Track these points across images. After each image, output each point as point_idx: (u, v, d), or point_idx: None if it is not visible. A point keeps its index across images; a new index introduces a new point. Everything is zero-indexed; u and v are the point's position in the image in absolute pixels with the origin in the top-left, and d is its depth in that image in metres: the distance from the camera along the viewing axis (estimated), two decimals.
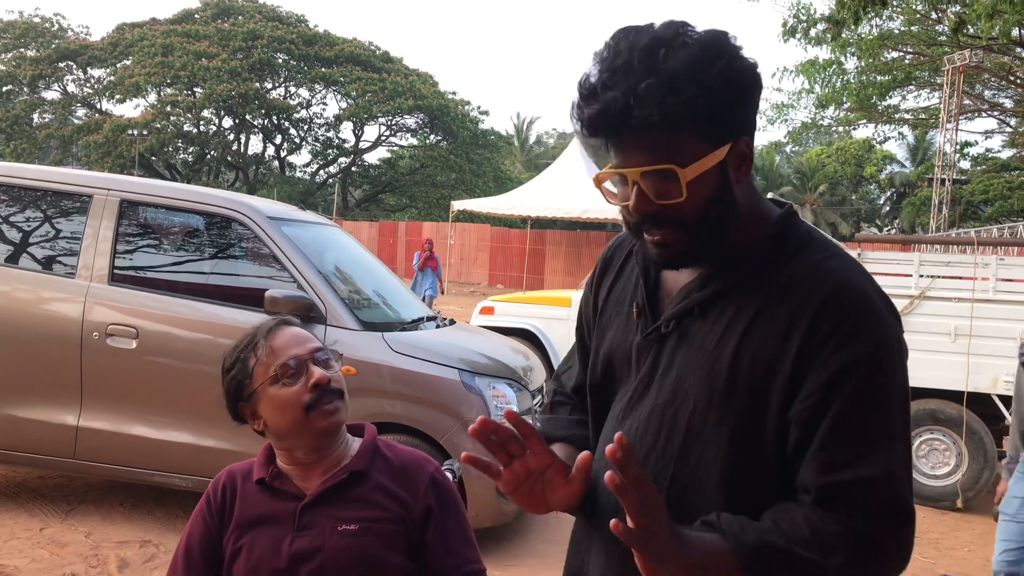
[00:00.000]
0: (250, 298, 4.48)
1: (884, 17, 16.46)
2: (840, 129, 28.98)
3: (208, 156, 39.38)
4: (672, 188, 1.11)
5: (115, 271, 4.61)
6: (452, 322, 5.59)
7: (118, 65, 36.62)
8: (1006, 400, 6.16)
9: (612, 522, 0.98)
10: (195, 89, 35.89)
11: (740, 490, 1.14)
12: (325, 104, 40.80)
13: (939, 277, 6.59)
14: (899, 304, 6.43)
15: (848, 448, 1.09)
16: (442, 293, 15.54)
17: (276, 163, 42.52)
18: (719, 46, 1.09)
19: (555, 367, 8.14)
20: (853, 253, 6.87)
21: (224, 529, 1.64)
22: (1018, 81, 19.85)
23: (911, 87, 21.65)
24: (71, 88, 38.64)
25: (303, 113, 39.63)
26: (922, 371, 6.35)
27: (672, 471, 1.19)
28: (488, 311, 8.74)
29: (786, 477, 1.14)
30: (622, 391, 1.31)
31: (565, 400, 1.52)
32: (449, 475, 1.78)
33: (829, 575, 1.07)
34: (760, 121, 23.46)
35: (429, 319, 5.24)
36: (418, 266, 15.31)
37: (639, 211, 1.14)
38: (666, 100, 1.05)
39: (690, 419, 1.18)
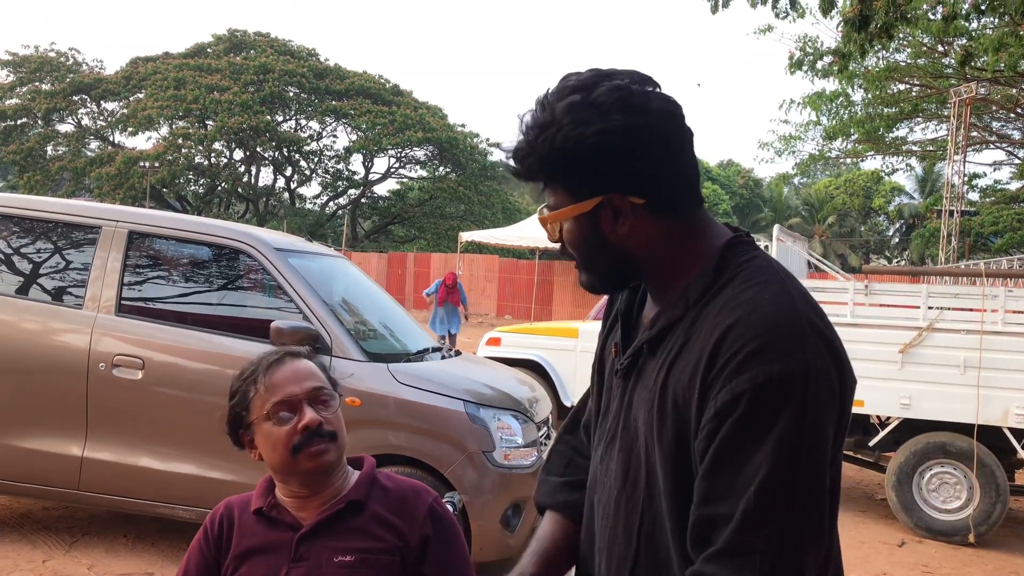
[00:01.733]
0: (257, 329, 4.49)
1: (891, 50, 16.55)
2: (848, 161, 28.99)
3: (219, 188, 39.67)
4: (552, 231, 1.27)
5: (122, 302, 4.63)
6: (458, 353, 5.59)
7: (131, 98, 37.03)
8: (1017, 433, 6.11)
9: None
10: (207, 122, 36.23)
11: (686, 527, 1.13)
12: (335, 136, 41.09)
13: (948, 309, 6.57)
14: (907, 336, 6.41)
15: (713, 488, 1.06)
16: (466, 319, 14.21)
17: (286, 195, 42.77)
18: (562, 114, 1.16)
19: (561, 398, 8.12)
20: (858, 285, 6.86)
21: (222, 560, 1.63)
22: None
23: (918, 119, 21.66)
24: (85, 121, 39.10)
25: (313, 145, 39.94)
26: (932, 403, 6.31)
27: (640, 511, 1.20)
28: (495, 342, 8.73)
29: None
30: (601, 431, 1.34)
31: (564, 449, 1.55)
32: (450, 507, 1.77)
33: None
34: (767, 153, 23.57)
35: (434, 350, 5.24)
36: (436, 299, 13.68)
37: (549, 239, 1.30)
38: (518, 159, 1.23)
39: (646, 458, 1.19)
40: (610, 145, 1.15)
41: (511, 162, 1.25)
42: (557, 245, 1.30)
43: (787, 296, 1.12)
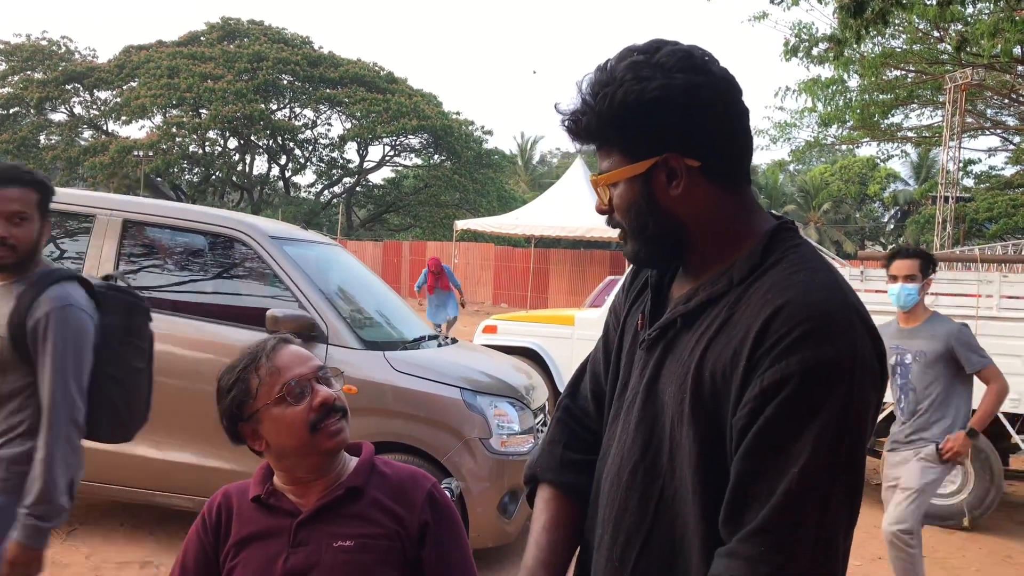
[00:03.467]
0: (252, 317, 4.49)
1: (887, 36, 16.52)
2: (843, 147, 29.02)
3: (213, 177, 39.54)
4: (603, 196, 1.27)
5: None
6: (454, 341, 5.59)
7: (124, 87, 36.83)
8: (1011, 418, 6.13)
9: None
10: (200, 110, 36.06)
11: (713, 503, 1.12)
12: (330, 124, 41.09)
13: (943, 295, 6.57)
14: None
15: (755, 465, 1.06)
16: (463, 307, 13.04)
17: (281, 183, 42.65)
18: (622, 72, 1.17)
19: (557, 385, 8.13)
20: (854, 271, 6.86)
21: (220, 547, 1.63)
22: (1021, 99, 19.87)
23: (914, 105, 21.68)
24: (78, 110, 38.89)
25: (308, 133, 39.79)
26: None
27: (661, 484, 1.20)
28: (491, 330, 8.74)
29: None
30: (619, 397, 1.33)
31: (566, 419, 1.50)
32: (448, 493, 1.78)
33: None
34: (763, 140, 23.55)
35: (431, 338, 5.24)
36: (423, 288, 13.04)
37: (596, 210, 1.29)
38: (575, 121, 1.22)
39: (671, 431, 1.18)
40: (671, 101, 1.15)
41: (567, 123, 1.24)
42: (603, 218, 1.30)
43: (837, 284, 1.13)
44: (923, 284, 4.12)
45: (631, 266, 1.43)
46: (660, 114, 1.16)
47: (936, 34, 17.11)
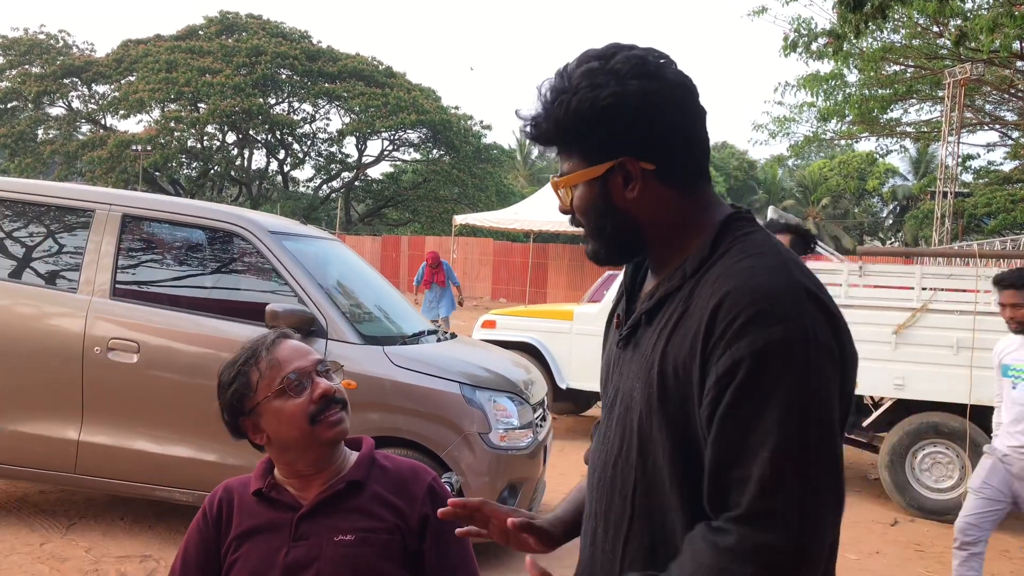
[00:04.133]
0: (252, 312, 4.49)
1: (886, 30, 16.51)
2: (842, 142, 29.01)
3: (212, 171, 39.49)
4: (564, 198, 1.32)
5: (117, 286, 4.62)
6: (453, 336, 5.60)
7: (122, 81, 36.75)
8: None
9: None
10: (199, 105, 36.01)
11: (692, 490, 1.15)
12: (328, 119, 40.79)
13: (941, 290, 6.58)
14: (900, 317, 6.44)
15: (725, 454, 1.07)
16: (460, 305, 12.68)
17: (279, 178, 42.61)
18: (578, 79, 1.21)
19: (556, 380, 8.14)
20: (852, 267, 6.88)
21: (221, 541, 1.64)
22: (1019, 94, 19.86)
23: (913, 100, 21.68)
24: (76, 104, 38.82)
25: (306, 128, 39.74)
26: (925, 384, 6.34)
27: (634, 476, 1.23)
28: (490, 325, 8.74)
29: None
30: (604, 400, 1.38)
31: None
32: (448, 487, 1.78)
33: None
34: (762, 135, 23.57)
35: (430, 333, 5.25)
36: (420, 282, 12.81)
37: (559, 210, 1.36)
38: (535, 126, 1.26)
39: (640, 425, 1.21)
40: (624, 108, 1.19)
41: (528, 128, 1.28)
42: (567, 217, 1.34)
43: (783, 265, 1.14)
44: None
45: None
46: (614, 120, 1.20)
47: (935, 29, 17.10)
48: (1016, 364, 4.30)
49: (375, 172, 42.76)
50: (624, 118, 1.19)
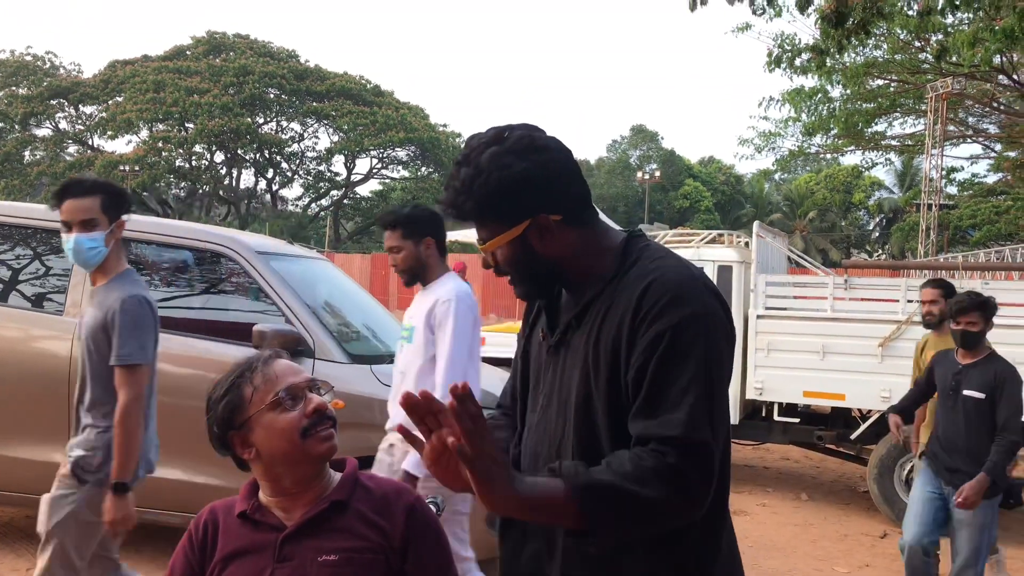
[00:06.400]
0: (239, 332, 4.48)
1: (868, 46, 16.66)
2: (828, 156, 29.23)
3: (200, 191, 39.49)
4: (488, 258, 1.61)
5: None
6: None
7: (110, 102, 36.74)
8: None
9: (450, 440, 1.27)
10: (187, 124, 36.00)
11: (621, 442, 1.44)
12: (317, 138, 41.03)
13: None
14: (886, 330, 6.49)
15: (657, 400, 1.40)
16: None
17: (268, 197, 42.62)
18: (486, 163, 1.50)
19: None
20: (838, 279, 6.95)
21: (206, 564, 1.65)
22: (1001, 107, 20.07)
23: (896, 114, 21.86)
24: (63, 125, 38.75)
25: (295, 147, 39.80)
26: None
27: (573, 449, 1.51)
28: (480, 341, 8.73)
29: None
30: (534, 400, 1.68)
31: (500, 418, 1.90)
32: (433, 507, 1.79)
33: (647, 504, 1.34)
34: (747, 149, 23.70)
35: None
36: None
37: (483, 266, 1.67)
38: (455, 206, 1.55)
39: (577, 404, 1.52)
40: (531, 178, 1.50)
41: (450, 211, 1.56)
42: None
43: (685, 265, 1.52)
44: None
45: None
46: (524, 189, 1.50)
47: (917, 44, 17.28)
48: None
49: (364, 190, 42.86)
50: (532, 185, 1.50)
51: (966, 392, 4.16)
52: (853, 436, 6.83)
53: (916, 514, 4.33)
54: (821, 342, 6.69)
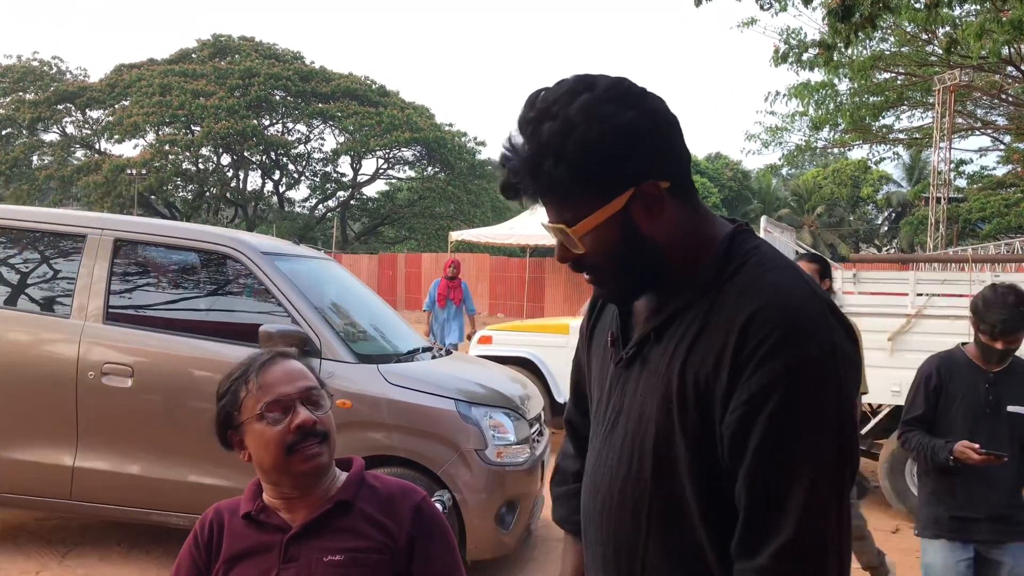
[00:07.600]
0: (246, 334, 4.47)
1: (876, 39, 16.57)
2: (835, 150, 29.07)
3: (207, 193, 39.51)
4: (571, 242, 1.20)
5: (110, 310, 4.61)
6: (448, 352, 5.59)
7: (116, 106, 36.82)
8: None
9: None
10: (193, 127, 36.07)
11: (715, 511, 1.15)
12: (323, 139, 40.86)
13: (936, 295, 6.59)
14: (896, 324, 6.44)
15: (761, 509, 1.09)
16: (469, 339, 9.73)
17: (275, 199, 42.63)
18: (581, 114, 1.13)
19: (553, 395, 8.13)
20: (847, 274, 6.90)
21: (212, 565, 1.63)
22: (1010, 99, 19.95)
23: (904, 107, 21.73)
24: (70, 130, 38.86)
25: (301, 148, 39.80)
26: None
27: (648, 498, 1.21)
28: (486, 340, 8.73)
29: None
30: (599, 419, 1.35)
31: (570, 451, 1.63)
32: (439, 506, 1.77)
33: None
34: (755, 144, 23.63)
35: (425, 350, 5.24)
36: (434, 302, 10.67)
37: (559, 260, 1.25)
38: (535, 176, 1.15)
39: (656, 444, 1.19)
40: (640, 131, 1.14)
41: (520, 181, 1.18)
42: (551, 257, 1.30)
43: (804, 280, 1.16)
44: None
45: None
46: (635, 145, 1.14)
47: (924, 36, 17.19)
48: None
49: (370, 191, 42.85)
50: (640, 140, 1.14)
51: (1012, 409, 3.12)
52: (864, 431, 6.79)
53: None
54: None
